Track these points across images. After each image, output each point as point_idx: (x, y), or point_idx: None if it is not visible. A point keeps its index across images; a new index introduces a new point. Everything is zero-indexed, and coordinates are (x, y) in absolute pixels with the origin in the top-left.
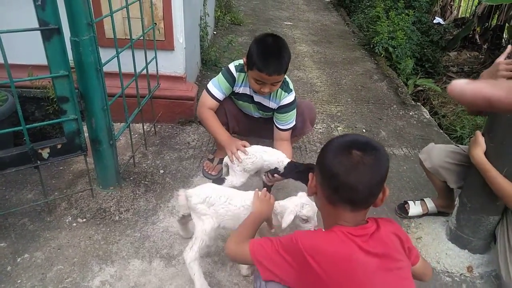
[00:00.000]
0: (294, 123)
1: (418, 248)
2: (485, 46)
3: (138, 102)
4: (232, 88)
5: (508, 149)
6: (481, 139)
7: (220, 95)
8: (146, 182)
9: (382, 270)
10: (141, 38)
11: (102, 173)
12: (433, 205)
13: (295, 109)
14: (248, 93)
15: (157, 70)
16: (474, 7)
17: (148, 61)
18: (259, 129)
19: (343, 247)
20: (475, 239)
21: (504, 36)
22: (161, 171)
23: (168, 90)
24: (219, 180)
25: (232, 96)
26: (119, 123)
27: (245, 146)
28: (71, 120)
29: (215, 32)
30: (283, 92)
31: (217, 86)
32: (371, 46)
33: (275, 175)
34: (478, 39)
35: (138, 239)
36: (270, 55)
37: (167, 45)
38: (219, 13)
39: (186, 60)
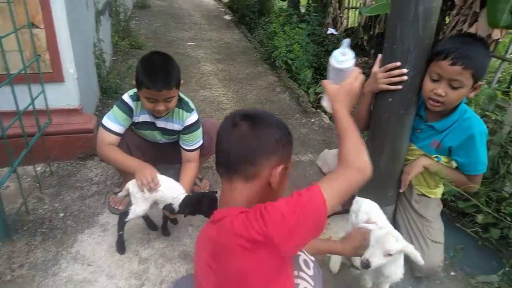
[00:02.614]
0: (201, 142)
1: None
2: (372, 52)
3: (26, 142)
4: (131, 118)
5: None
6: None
7: (118, 128)
8: (44, 230)
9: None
10: (23, 72)
11: None
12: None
13: (200, 128)
14: (149, 120)
15: (46, 105)
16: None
17: (34, 97)
18: (166, 155)
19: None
20: None
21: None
22: (61, 214)
23: (63, 124)
24: (123, 214)
25: (133, 127)
26: (7, 168)
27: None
28: None
29: (114, 58)
30: (184, 113)
31: (113, 120)
32: (272, 60)
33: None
34: (366, 46)
35: None
36: (156, 70)
37: (56, 77)
38: (116, 38)
39: (80, 90)
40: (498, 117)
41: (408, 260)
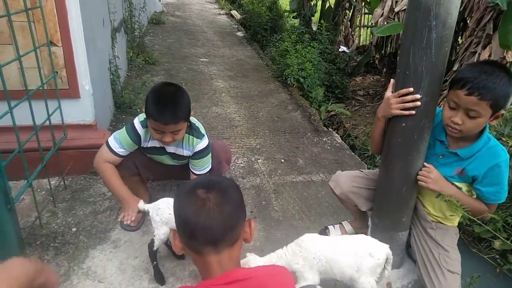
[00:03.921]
0: (210, 167)
1: None
2: (384, 70)
3: (41, 157)
4: (138, 144)
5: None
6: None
7: (121, 151)
8: (56, 244)
9: None
10: (41, 88)
11: (0, 242)
12: (350, 227)
13: (210, 154)
14: (158, 145)
15: (62, 120)
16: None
17: (51, 112)
18: (175, 173)
19: None
20: None
21: (397, 61)
22: (74, 229)
23: (77, 139)
24: (150, 244)
25: (144, 151)
26: (23, 180)
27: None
28: None
29: (129, 74)
30: (195, 139)
31: (118, 142)
32: (284, 78)
33: None
34: (378, 65)
35: None
36: (165, 104)
37: (72, 93)
38: (131, 54)
39: (95, 106)
40: None
41: None
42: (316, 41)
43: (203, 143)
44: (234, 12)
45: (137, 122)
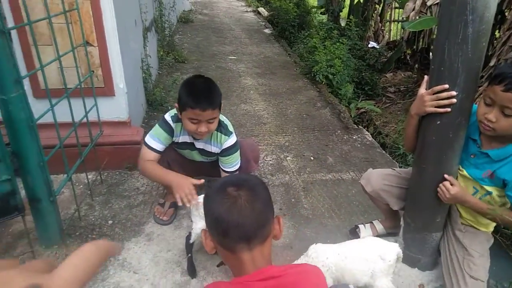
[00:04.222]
0: (239, 164)
1: None
2: (416, 66)
3: (80, 152)
4: (172, 137)
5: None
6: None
7: (159, 146)
8: (94, 236)
9: None
10: (79, 87)
11: (44, 232)
12: (381, 227)
13: (238, 151)
14: (188, 140)
15: (98, 117)
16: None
17: (88, 109)
18: (206, 170)
19: None
20: (423, 257)
21: (430, 56)
22: (110, 222)
23: (112, 136)
24: (187, 237)
25: (174, 146)
26: (62, 175)
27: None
28: (3, 181)
29: (159, 72)
30: (223, 136)
31: (155, 139)
32: (312, 75)
33: None
34: (409, 60)
35: None
36: (200, 91)
37: (107, 91)
38: (162, 53)
39: (129, 104)
40: None
41: None
42: (345, 37)
43: (231, 140)
44: (261, 9)
45: (168, 116)
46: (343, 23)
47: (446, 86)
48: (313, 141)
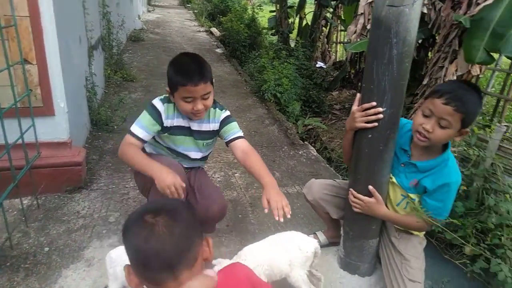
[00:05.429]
0: (242, 132)
1: (313, 282)
2: (359, 85)
3: (13, 175)
4: (159, 123)
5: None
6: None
7: (143, 134)
8: (27, 265)
9: None
10: (14, 107)
11: None
12: (324, 237)
13: (236, 121)
14: (183, 124)
15: (36, 138)
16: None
17: (24, 130)
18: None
19: None
20: (362, 263)
21: None
22: (46, 249)
23: (51, 158)
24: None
25: (167, 133)
26: None
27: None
28: None
29: (106, 91)
30: (218, 110)
31: (139, 125)
32: (261, 93)
33: None
34: (353, 79)
35: None
36: (189, 67)
37: (47, 110)
38: (109, 71)
39: (71, 124)
40: (480, 152)
41: None
42: (293, 57)
43: (227, 112)
44: (213, 30)
45: (156, 100)
46: (293, 44)
47: (374, 103)
48: (261, 157)
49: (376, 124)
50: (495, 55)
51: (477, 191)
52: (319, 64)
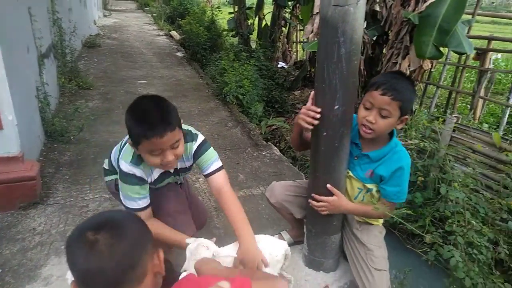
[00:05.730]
0: (219, 161)
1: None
2: None
3: None
4: (146, 183)
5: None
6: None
7: (142, 203)
8: None
9: None
10: None
11: None
12: (288, 236)
13: (211, 147)
14: (162, 171)
15: None
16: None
17: None
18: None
19: None
20: (326, 260)
21: None
22: None
23: (1, 173)
24: None
25: (152, 186)
26: None
27: None
28: None
29: (60, 100)
30: (188, 144)
31: (130, 199)
32: (223, 96)
33: None
34: (314, 78)
35: None
36: (150, 114)
37: None
38: (63, 80)
39: (21, 137)
40: (435, 143)
41: None
42: (253, 58)
43: (198, 139)
44: (173, 33)
45: (124, 165)
46: (254, 45)
47: (314, 107)
48: (225, 160)
49: (310, 126)
50: (444, 50)
51: (434, 181)
52: (281, 64)
